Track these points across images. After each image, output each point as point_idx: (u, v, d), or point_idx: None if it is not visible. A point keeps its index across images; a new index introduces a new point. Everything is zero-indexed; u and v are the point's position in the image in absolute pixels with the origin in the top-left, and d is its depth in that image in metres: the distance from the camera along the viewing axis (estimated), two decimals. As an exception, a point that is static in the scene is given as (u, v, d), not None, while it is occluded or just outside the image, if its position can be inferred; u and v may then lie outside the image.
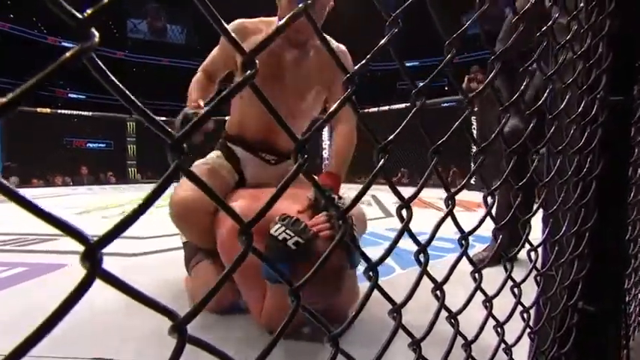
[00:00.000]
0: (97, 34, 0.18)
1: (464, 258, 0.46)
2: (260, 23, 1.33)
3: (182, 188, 1.28)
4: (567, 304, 0.68)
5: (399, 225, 0.39)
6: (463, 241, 0.48)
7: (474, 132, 6.39)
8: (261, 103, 0.26)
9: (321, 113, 1.47)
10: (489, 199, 0.51)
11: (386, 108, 8.81)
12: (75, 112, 9.79)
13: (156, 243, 2.37)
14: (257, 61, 0.25)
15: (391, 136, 0.37)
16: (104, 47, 13.44)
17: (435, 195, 3.52)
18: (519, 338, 0.62)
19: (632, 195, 0.84)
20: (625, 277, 0.77)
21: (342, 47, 1.38)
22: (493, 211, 0.52)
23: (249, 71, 0.24)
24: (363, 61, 0.35)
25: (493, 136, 0.51)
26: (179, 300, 1.40)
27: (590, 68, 0.61)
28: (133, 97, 0.20)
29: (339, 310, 1.15)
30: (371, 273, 0.36)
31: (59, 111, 9.58)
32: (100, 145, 11.63)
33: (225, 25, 0.24)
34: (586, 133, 0.62)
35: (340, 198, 1.10)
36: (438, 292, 0.44)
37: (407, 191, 0.38)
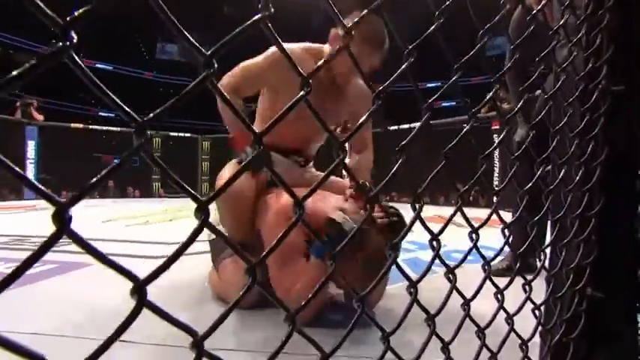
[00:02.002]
0: (75, 36, 0.20)
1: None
2: (305, 52, 1.42)
3: (226, 174, 1.42)
4: (574, 288, 0.69)
5: (416, 237, 0.44)
6: (486, 267, 0.53)
7: (497, 151, 6.33)
8: (310, 117, 0.34)
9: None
10: (506, 231, 0.56)
11: (406, 126, 8.85)
12: (104, 128, 10.25)
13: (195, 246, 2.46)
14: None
15: (406, 140, 0.42)
16: (132, 67, 14.17)
17: (447, 212, 3.49)
18: (533, 334, 0.63)
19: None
20: (637, 262, 0.77)
21: (368, 89, 1.49)
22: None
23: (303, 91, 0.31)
24: (387, 83, 0.41)
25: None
26: (201, 297, 1.45)
27: (587, 58, 0.64)
28: (107, 91, 0.22)
29: (369, 298, 1.20)
30: (412, 290, 0.42)
31: (90, 127, 10.06)
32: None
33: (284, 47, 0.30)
34: (585, 119, 0.64)
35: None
36: (465, 307, 0.49)
37: (429, 211, 0.43)
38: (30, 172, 8.13)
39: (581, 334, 0.70)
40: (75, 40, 0.20)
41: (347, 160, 1.52)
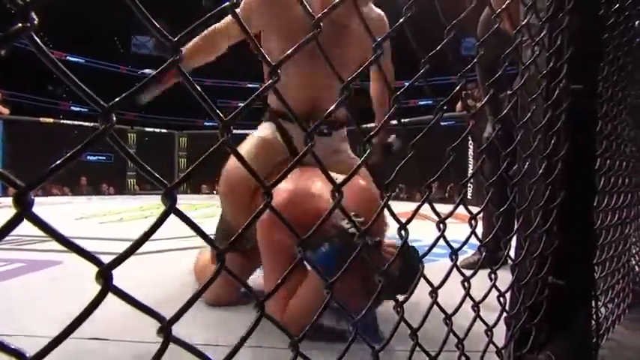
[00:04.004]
0: (36, 17, 0.20)
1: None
2: None
3: (228, 164, 1.31)
4: (537, 276, 0.73)
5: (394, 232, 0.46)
6: (453, 256, 0.54)
7: (470, 147, 6.52)
8: (303, 74, 0.32)
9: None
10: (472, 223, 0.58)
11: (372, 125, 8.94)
12: (77, 123, 9.89)
13: (162, 244, 2.42)
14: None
15: (374, 131, 0.43)
16: (107, 62, 13.72)
17: (427, 208, 3.57)
18: (497, 320, 0.66)
19: (604, 167, 0.89)
20: (593, 252, 0.81)
21: (380, 13, 1.38)
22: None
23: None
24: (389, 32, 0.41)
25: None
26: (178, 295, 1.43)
27: (549, 57, 0.68)
28: (67, 71, 0.22)
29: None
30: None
31: (61, 121, 9.69)
32: (100, 157, 11.72)
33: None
34: (547, 116, 0.68)
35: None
36: (433, 294, 0.51)
37: (406, 206, 0.44)
38: (-5, 169, 7.76)
39: (543, 320, 0.73)
40: (35, 22, 0.20)
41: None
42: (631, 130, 1.08)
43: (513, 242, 0.77)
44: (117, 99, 0.24)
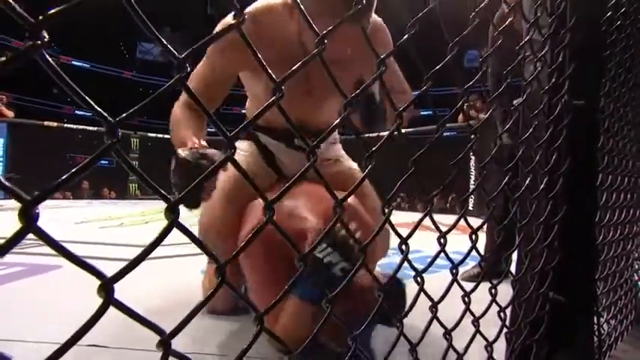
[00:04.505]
0: (46, 35, 0.20)
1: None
2: (280, 5, 1.05)
3: (204, 213, 1.19)
4: (538, 292, 0.72)
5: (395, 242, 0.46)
6: (454, 270, 0.54)
7: (472, 158, 6.52)
8: (293, 95, 0.32)
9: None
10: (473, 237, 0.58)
11: (385, 133, 8.96)
12: (80, 127, 9.95)
13: (169, 249, 2.41)
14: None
15: (375, 147, 0.43)
16: (111, 66, 13.86)
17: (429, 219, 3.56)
18: (498, 336, 0.66)
19: (607, 182, 0.89)
20: (595, 267, 0.81)
21: (380, 23, 1.19)
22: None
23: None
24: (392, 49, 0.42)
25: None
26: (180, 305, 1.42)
27: (551, 73, 0.68)
28: (78, 90, 0.23)
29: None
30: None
31: (65, 125, 9.76)
32: (103, 161, 11.75)
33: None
34: (549, 131, 0.68)
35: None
36: (434, 308, 0.51)
37: (407, 216, 0.44)
38: (-2, 171, 7.81)
39: (544, 336, 0.73)
40: (46, 39, 0.20)
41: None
42: (633, 146, 1.08)
43: (514, 256, 0.77)
44: (124, 115, 0.24)
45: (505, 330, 0.67)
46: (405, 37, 0.40)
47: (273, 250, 0.94)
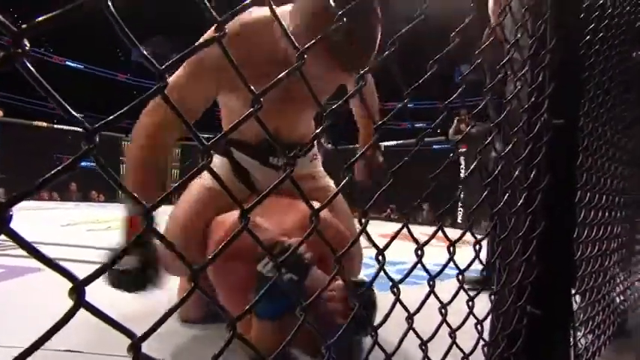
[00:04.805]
0: (28, 44, 0.21)
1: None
2: (261, 24, 0.98)
3: (169, 226, 1.16)
4: (516, 305, 0.73)
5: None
6: (431, 282, 0.56)
7: (462, 171, 6.59)
8: (270, 108, 0.32)
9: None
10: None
11: (385, 144, 9.04)
12: (71, 128, 9.85)
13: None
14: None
15: (352, 160, 0.44)
16: (107, 69, 13.81)
17: (417, 231, 3.59)
18: (475, 347, 0.67)
19: (585, 199, 0.92)
20: (572, 282, 0.82)
21: None
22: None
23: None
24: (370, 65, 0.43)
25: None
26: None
27: (531, 93, 0.70)
28: (57, 96, 0.23)
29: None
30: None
31: (55, 126, 9.66)
32: (92, 164, 11.62)
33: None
34: (528, 148, 0.70)
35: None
36: (410, 320, 0.52)
37: (396, 227, 0.46)
38: (-16, 170, 7.69)
39: (521, 350, 0.74)
40: (27, 47, 0.21)
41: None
42: (612, 165, 1.11)
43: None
44: (102, 122, 0.25)
45: (482, 342, 0.68)
46: (386, 53, 0.41)
47: (236, 259, 0.95)
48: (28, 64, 0.21)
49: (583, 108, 0.93)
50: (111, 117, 0.26)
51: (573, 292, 0.84)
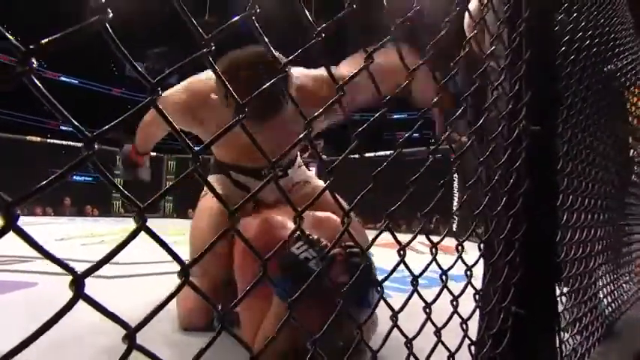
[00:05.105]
0: (35, 62, 0.23)
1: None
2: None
3: (196, 238, 1.33)
4: (500, 305, 0.76)
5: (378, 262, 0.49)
6: (414, 282, 0.58)
7: (456, 180, 6.65)
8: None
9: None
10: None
11: (372, 154, 9.11)
12: (65, 143, 9.84)
13: (149, 267, 2.39)
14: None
15: (337, 161, 0.47)
16: (101, 83, 13.86)
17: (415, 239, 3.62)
18: (460, 346, 0.69)
19: (568, 202, 0.95)
20: (556, 284, 0.85)
21: (311, 76, 1.32)
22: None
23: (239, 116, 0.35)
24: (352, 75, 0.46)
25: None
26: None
27: (508, 101, 0.74)
28: (61, 108, 0.25)
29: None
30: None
31: (49, 140, 9.64)
32: (87, 178, 11.59)
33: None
34: (507, 153, 0.73)
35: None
36: (394, 317, 0.54)
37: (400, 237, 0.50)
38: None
39: (507, 350, 0.76)
40: (35, 65, 0.23)
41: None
42: (592, 170, 1.15)
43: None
44: (101, 130, 0.27)
45: (468, 342, 0.70)
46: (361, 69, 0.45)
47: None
48: (36, 80, 0.24)
49: (562, 115, 0.97)
50: (108, 126, 0.29)
51: (558, 293, 0.87)
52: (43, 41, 0.24)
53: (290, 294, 0.97)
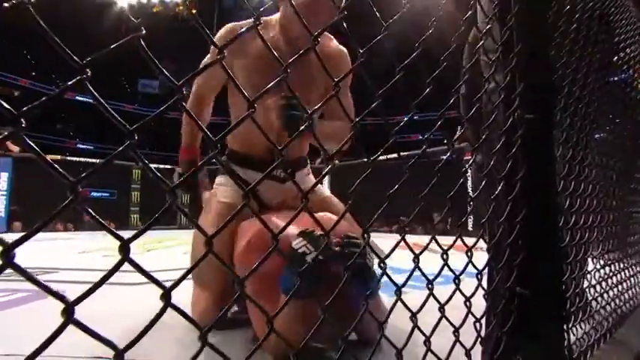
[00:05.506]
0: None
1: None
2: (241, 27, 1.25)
3: (199, 237, 1.35)
4: (505, 286, 0.79)
5: (396, 263, 0.55)
6: (429, 286, 0.64)
7: (469, 180, 6.61)
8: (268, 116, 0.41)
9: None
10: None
11: (384, 157, 9.11)
12: (82, 160, 10.15)
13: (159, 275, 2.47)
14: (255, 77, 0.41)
15: (334, 151, 0.53)
16: (115, 100, 14.28)
17: (427, 241, 3.64)
18: (474, 344, 0.73)
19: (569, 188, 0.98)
20: (560, 267, 0.88)
21: (341, 49, 1.41)
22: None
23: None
24: (348, 72, 0.52)
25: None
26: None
27: (500, 93, 0.78)
28: (114, 114, 0.33)
29: (367, 332, 1.17)
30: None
31: (68, 158, 9.96)
32: (104, 194, 11.91)
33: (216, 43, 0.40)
34: (502, 141, 0.77)
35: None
36: (413, 318, 0.60)
37: (410, 238, 0.57)
38: (1, 204, 7.93)
39: (513, 329, 0.79)
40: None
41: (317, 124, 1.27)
42: (594, 155, 1.17)
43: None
44: (138, 124, 0.33)
45: (480, 339, 0.74)
46: (357, 63, 0.50)
47: (267, 261, 1.03)
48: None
49: (559, 103, 1.00)
50: (145, 120, 0.35)
51: (565, 278, 0.89)
52: (95, 55, 0.30)
53: (293, 285, 1.03)
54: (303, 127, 0.45)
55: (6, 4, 0.25)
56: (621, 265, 1.39)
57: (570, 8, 1.08)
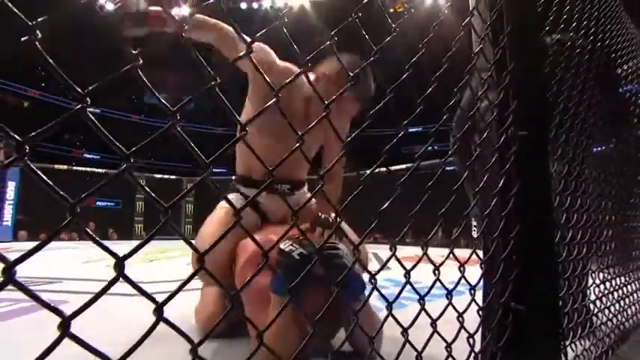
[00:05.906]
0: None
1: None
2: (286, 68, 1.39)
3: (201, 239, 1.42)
4: (499, 301, 0.79)
5: (395, 275, 0.56)
6: (421, 301, 0.65)
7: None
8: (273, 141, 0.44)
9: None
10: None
11: (392, 168, 9.16)
12: (89, 170, 10.27)
13: (159, 286, 2.47)
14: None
15: (327, 169, 0.55)
16: (122, 111, 14.50)
17: (432, 253, 3.63)
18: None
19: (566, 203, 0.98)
20: (558, 281, 0.88)
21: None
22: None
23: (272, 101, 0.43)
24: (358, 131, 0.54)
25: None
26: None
27: (493, 110, 0.80)
28: (110, 137, 0.35)
29: (360, 343, 1.15)
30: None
31: (75, 168, 10.09)
32: (109, 203, 12.00)
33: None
34: (494, 158, 0.79)
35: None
36: (405, 333, 0.61)
37: (410, 250, 0.56)
38: (8, 214, 8.00)
39: (508, 345, 0.79)
40: (89, 103, 0.31)
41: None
42: (591, 171, 1.18)
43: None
44: (134, 148, 0.35)
45: (473, 354, 0.74)
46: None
47: (262, 274, 1.06)
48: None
49: (555, 119, 1.01)
50: (139, 145, 0.36)
51: (562, 293, 0.89)
52: (93, 86, 0.32)
53: (283, 285, 1.04)
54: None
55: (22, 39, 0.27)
56: (624, 280, 1.39)
57: (564, 27, 1.10)
